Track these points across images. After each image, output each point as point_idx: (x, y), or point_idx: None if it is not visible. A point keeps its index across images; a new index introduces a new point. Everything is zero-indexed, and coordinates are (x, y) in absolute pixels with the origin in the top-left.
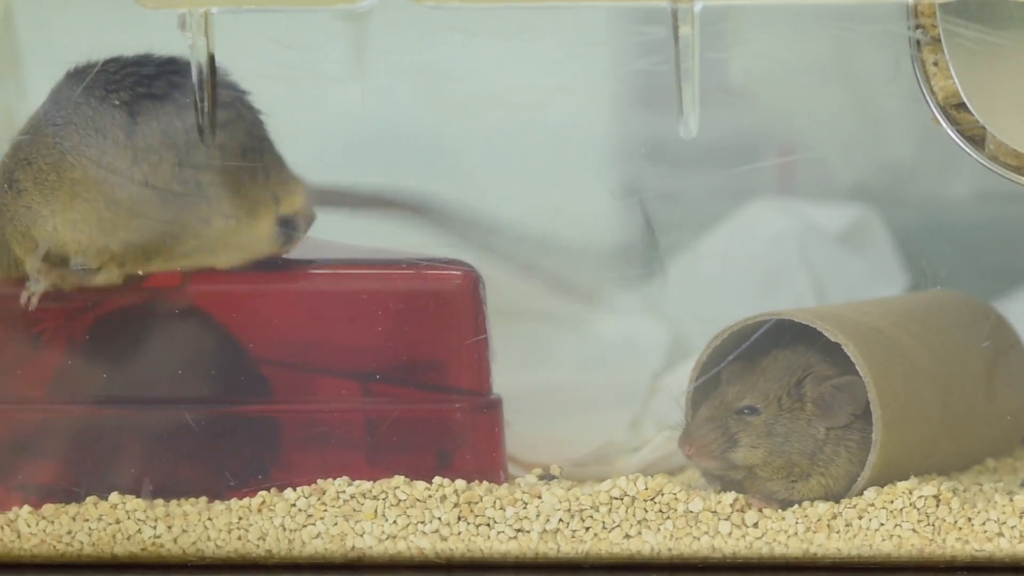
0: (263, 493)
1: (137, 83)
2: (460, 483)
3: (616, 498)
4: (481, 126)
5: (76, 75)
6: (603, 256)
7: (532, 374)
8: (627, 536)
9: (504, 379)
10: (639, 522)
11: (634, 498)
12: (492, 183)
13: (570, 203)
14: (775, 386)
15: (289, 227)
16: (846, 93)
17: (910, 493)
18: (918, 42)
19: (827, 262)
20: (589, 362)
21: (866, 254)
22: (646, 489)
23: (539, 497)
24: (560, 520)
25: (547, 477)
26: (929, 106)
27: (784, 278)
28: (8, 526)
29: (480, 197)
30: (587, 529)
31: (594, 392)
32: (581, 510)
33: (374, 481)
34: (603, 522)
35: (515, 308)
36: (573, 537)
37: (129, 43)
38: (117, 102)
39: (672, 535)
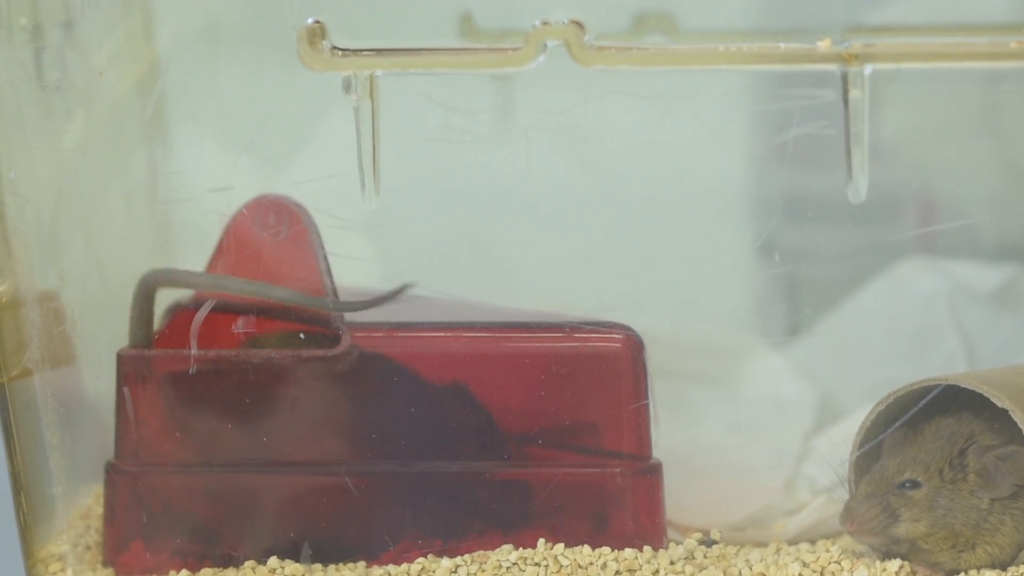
0: (421, 559)
1: None
2: (629, 551)
3: (780, 567)
4: (626, 185)
5: None
6: (747, 315)
7: (683, 435)
8: None
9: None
10: None
11: (800, 567)
12: (640, 243)
13: (713, 263)
14: (937, 457)
15: None
16: (994, 152)
17: None
18: None
19: (978, 322)
20: (739, 423)
21: (1018, 314)
22: (816, 560)
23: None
24: None
25: (707, 542)
26: None
27: (934, 338)
28: None
29: (626, 256)
30: None
31: (746, 454)
32: None
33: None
34: None
35: (664, 368)
36: None
37: (290, 104)
38: None
39: None
